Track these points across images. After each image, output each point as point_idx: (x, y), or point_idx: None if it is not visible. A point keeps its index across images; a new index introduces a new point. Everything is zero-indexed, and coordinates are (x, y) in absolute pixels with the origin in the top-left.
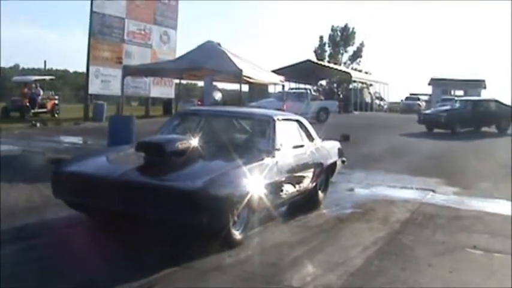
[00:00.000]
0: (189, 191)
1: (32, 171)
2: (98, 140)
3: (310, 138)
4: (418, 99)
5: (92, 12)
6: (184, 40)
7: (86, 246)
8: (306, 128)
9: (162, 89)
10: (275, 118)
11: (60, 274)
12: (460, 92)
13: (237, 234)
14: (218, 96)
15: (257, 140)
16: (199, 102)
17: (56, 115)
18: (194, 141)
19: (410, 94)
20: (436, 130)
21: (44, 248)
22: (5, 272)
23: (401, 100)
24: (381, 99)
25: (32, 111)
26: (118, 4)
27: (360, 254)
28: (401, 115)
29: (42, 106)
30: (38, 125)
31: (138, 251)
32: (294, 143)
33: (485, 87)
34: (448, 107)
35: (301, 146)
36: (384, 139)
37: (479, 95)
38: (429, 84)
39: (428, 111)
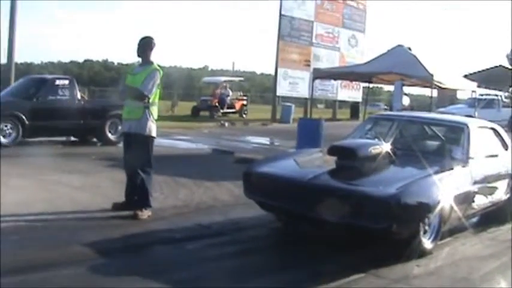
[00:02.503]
0: (382, 198)
1: (221, 169)
2: (285, 142)
3: (505, 147)
4: None
5: (281, 15)
6: (371, 43)
7: (267, 248)
8: (501, 136)
9: (350, 92)
10: (470, 125)
11: (238, 276)
12: None
13: (427, 244)
14: (406, 101)
15: (450, 147)
16: (386, 107)
17: (244, 115)
18: (386, 147)
19: None
20: None
21: (226, 247)
22: (187, 268)
23: None
24: None
25: (221, 111)
26: (306, 7)
27: None
28: None
29: (231, 106)
30: (227, 124)
31: (321, 256)
32: (488, 151)
33: None
34: None
35: (496, 155)
36: None
37: None
38: None
39: None
